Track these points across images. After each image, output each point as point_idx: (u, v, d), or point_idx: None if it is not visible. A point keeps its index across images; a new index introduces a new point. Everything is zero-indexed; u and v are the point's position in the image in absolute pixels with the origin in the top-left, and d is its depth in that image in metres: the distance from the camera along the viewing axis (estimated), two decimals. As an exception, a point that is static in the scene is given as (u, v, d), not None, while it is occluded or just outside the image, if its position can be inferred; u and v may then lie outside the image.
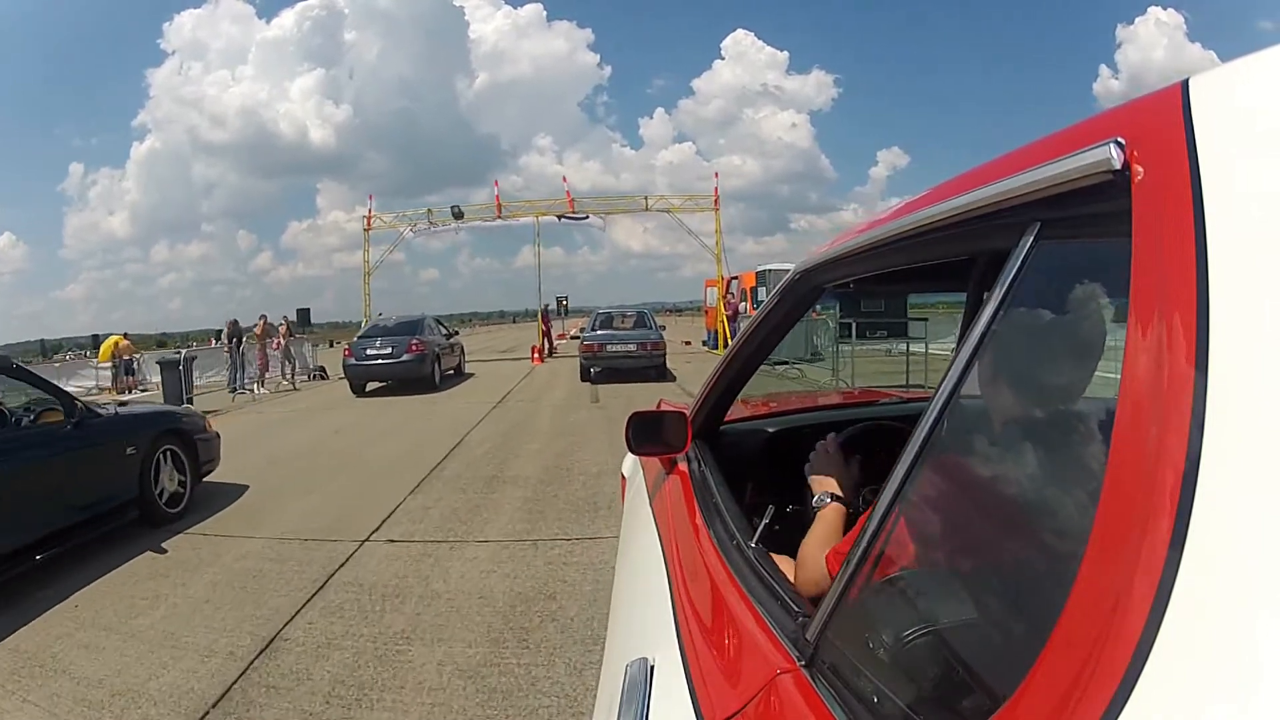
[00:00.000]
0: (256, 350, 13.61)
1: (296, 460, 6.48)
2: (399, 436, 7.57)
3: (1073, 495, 0.50)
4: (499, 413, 8.93)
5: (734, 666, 0.82)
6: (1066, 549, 0.43)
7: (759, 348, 1.48)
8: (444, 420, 8.40)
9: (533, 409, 9.15)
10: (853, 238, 0.95)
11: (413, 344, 11.57)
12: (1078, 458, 0.54)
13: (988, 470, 0.66)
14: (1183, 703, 0.31)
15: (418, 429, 7.98)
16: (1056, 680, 0.38)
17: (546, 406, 9.36)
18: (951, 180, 0.73)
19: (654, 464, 1.80)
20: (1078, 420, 0.60)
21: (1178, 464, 0.35)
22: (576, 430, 7.33)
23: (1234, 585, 0.31)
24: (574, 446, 6.41)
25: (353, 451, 6.85)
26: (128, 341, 14.80)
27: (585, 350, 11.91)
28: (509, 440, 6.94)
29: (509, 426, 7.79)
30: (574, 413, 8.69)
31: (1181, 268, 0.39)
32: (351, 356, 11.79)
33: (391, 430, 8.04)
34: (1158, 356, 0.38)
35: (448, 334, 14.30)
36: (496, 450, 6.43)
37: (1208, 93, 0.43)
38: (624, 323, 12.70)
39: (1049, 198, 0.53)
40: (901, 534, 0.66)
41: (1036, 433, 0.62)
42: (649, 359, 11.53)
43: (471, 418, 8.36)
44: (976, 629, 0.57)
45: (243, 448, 6.54)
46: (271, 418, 9.69)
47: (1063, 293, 0.57)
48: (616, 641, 1.23)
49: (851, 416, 1.87)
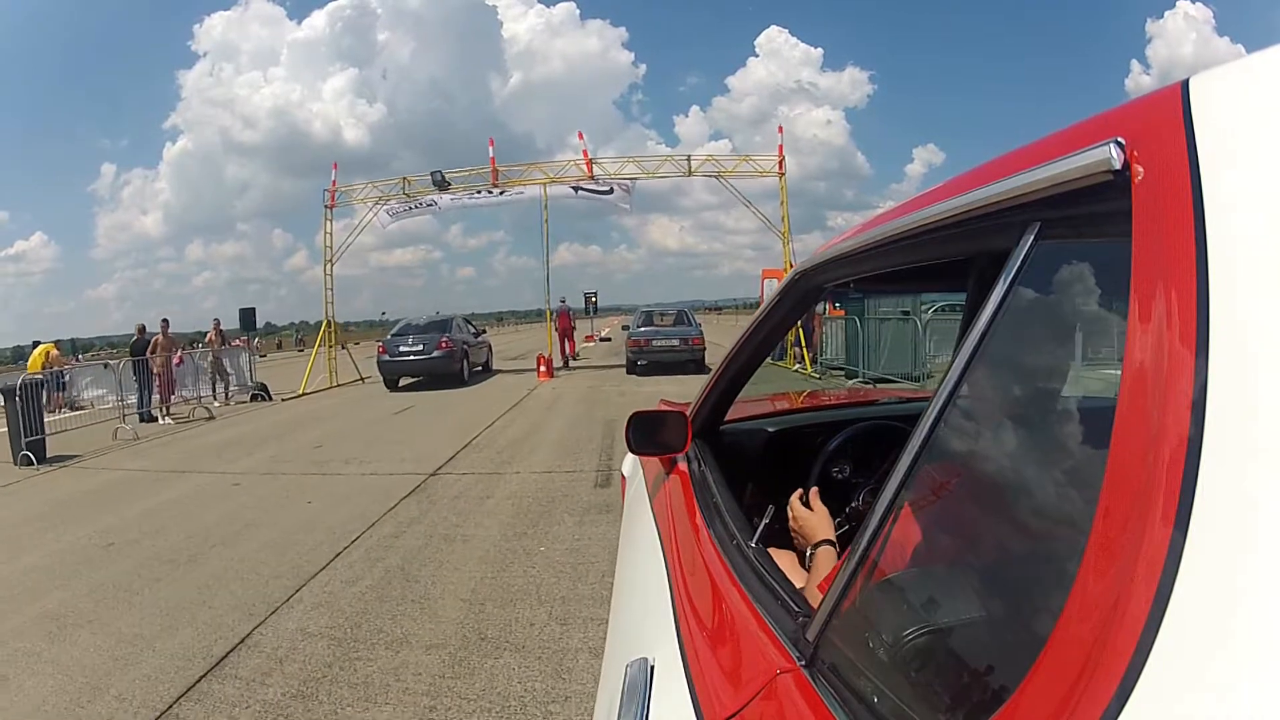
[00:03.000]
0: (157, 366, 10.47)
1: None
2: (203, 561, 3.89)
3: (1072, 495, 0.50)
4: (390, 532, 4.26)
5: (734, 666, 0.82)
6: (1066, 549, 0.43)
7: (759, 347, 1.48)
8: (330, 513, 4.69)
9: (455, 526, 4.26)
10: (853, 238, 0.95)
11: (443, 341, 12.53)
12: (1077, 458, 0.54)
13: (987, 470, 0.66)
14: (1183, 702, 0.31)
15: (288, 523, 4.50)
16: (1056, 680, 0.38)
17: (490, 514, 4.49)
18: (951, 180, 0.73)
19: (654, 464, 1.80)
20: (1077, 421, 0.60)
21: (1178, 465, 0.35)
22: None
23: (1234, 585, 0.31)
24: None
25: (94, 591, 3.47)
26: (58, 351, 12.49)
27: (632, 345, 13.39)
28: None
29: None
30: (544, 536, 3.96)
31: (1181, 268, 0.39)
32: (385, 353, 12.63)
33: (207, 538, 4.30)
34: (1158, 356, 0.38)
35: (476, 332, 15.29)
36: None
37: (1208, 93, 0.43)
38: (664, 320, 14.00)
39: (1049, 198, 0.53)
40: (901, 534, 0.66)
41: (1036, 433, 0.62)
42: (690, 352, 12.82)
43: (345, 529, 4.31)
44: (976, 629, 0.57)
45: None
46: (102, 480, 6.32)
47: (1063, 293, 0.57)
48: (617, 641, 1.23)
49: (851, 416, 1.87)
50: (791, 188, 14.53)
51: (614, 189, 14.83)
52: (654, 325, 13.80)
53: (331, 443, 7.53)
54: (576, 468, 5.64)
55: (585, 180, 14.66)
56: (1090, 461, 0.45)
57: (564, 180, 14.78)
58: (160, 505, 5.30)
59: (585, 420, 8.08)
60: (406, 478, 5.55)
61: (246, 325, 15.58)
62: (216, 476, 6.13)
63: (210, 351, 12.06)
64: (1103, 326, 0.58)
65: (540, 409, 9.33)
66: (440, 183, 14.88)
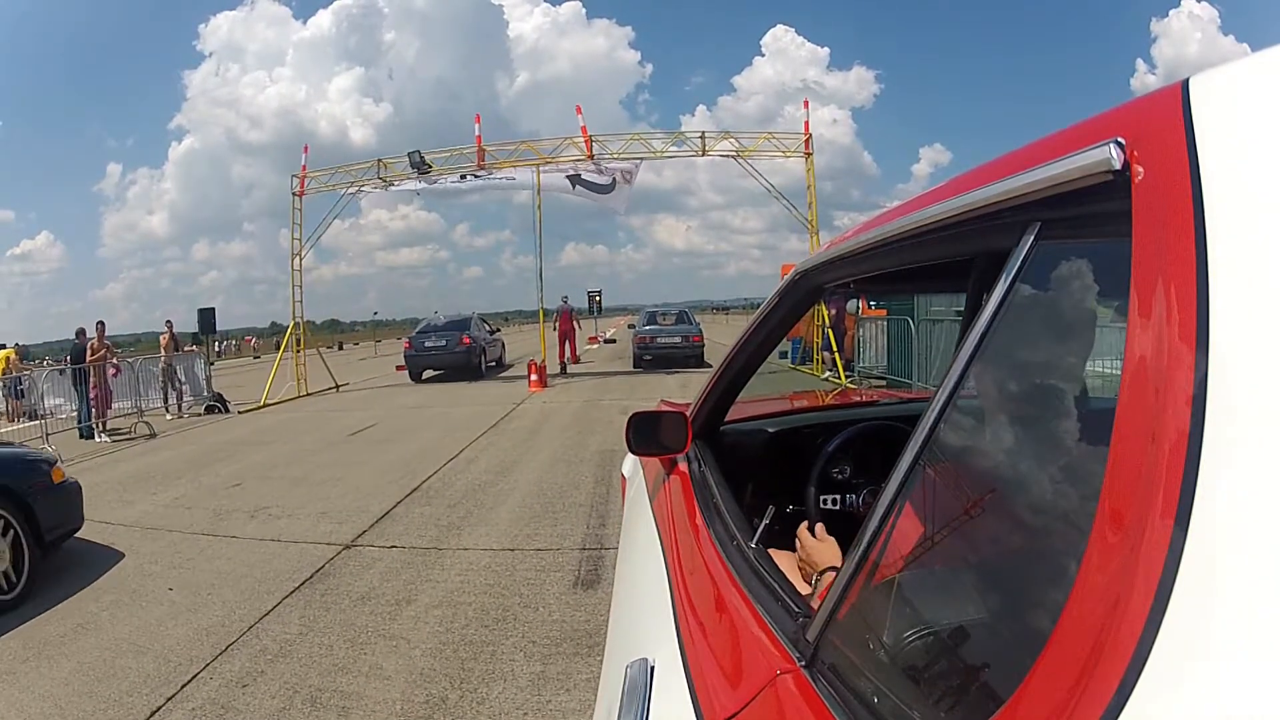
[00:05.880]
0: (93, 377, 9.44)
1: None
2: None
3: (1072, 496, 0.50)
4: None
5: (734, 667, 0.82)
6: (1066, 549, 0.43)
7: (759, 348, 1.47)
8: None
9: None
10: (853, 238, 0.95)
11: (463, 338, 14.12)
12: (1077, 459, 0.54)
13: (988, 470, 0.66)
14: (1183, 703, 0.31)
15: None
16: (1056, 680, 0.38)
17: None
18: (952, 180, 0.73)
19: (654, 464, 1.80)
20: (1078, 421, 0.60)
21: (1178, 465, 0.35)
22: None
23: (1234, 585, 0.31)
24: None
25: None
26: (17, 356, 11.36)
27: (639, 341, 14.77)
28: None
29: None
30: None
31: (1181, 268, 0.39)
32: (411, 348, 14.26)
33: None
34: (1158, 356, 0.38)
35: (491, 330, 16.93)
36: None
37: (1208, 93, 0.43)
38: (666, 320, 15.44)
39: (1049, 198, 0.53)
40: (901, 534, 0.66)
41: (1036, 433, 0.62)
42: (691, 348, 14.16)
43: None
44: (976, 629, 0.57)
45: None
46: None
47: (1063, 293, 0.57)
48: (617, 642, 1.23)
49: (852, 417, 1.87)
50: (797, 188, 13.96)
51: (615, 181, 13.38)
52: (658, 324, 15.23)
53: (254, 479, 6.05)
54: (552, 543, 3.91)
55: (584, 162, 12.92)
56: (1090, 461, 0.45)
57: (559, 161, 13.01)
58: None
59: (575, 452, 6.30)
60: (312, 550, 4.03)
61: (205, 328, 13.32)
62: (96, 529, 4.50)
63: (161, 359, 10.69)
64: (1103, 326, 0.58)
65: (521, 434, 7.57)
66: (419, 164, 13.02)
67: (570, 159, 13.02)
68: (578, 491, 4.95)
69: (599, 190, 13.57)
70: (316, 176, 13.95)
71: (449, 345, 13.95)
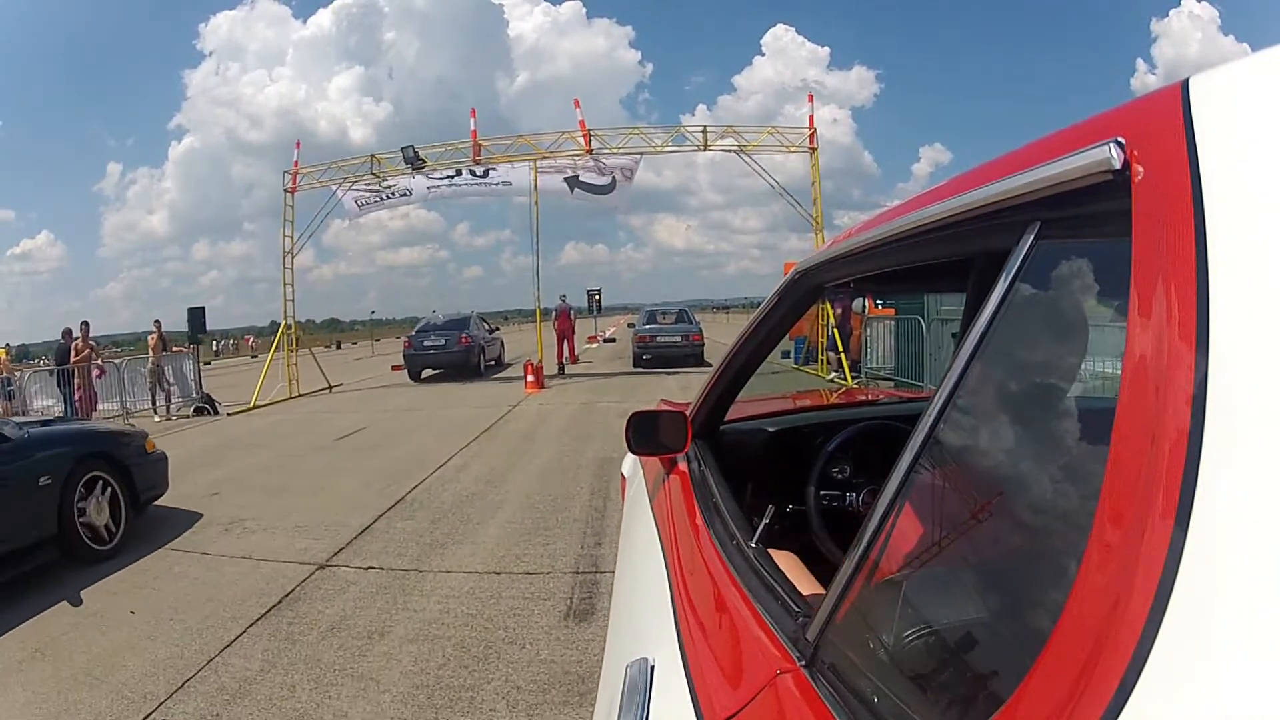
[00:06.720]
0: (77, 378, 9.34)
1: None
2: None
3: (1072, 495, 0.50)
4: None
5: (734, 666, 0.82)
6: (1066, 549, 0.43)
7: (759, 347, 1.47)
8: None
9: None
10: (853, 237, 0.95)
11: (462, 337, 14.13)
12: (1077, 458, 0.54)
13: (988, 470, 0.66)
14: (1183, 703, 0.31)
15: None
16: (1056, 680, 0.38)
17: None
18: (951, 180, 0.73)
19: (654, 464, 1.80)
20: (1078, 420, 0.60)
21: (1178, 465, 0.35)
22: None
23: (1234, 585, 0.31)
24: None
25: None
26: (7, 357, 11.34)
27: (639, 340, 14.71)
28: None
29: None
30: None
31: (1181, 267, 0.39)
32: (410, 347, 14.24)
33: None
34: (1158, 356, 0.38)
35: (490, 329, 16.89)
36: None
37: (1208, 93, 0.43)
38: (666, 319, 15.38)
39: (1049, 198, 0.53)
40: (901, 534, 0.66)
41: (1036, 433, 0.62)
42: (690, 347, 14.11)
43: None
44: (976, 629, 0.57)
45: None
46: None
47: (1063, 292, 0.57)
48: (617, 641, 1.23)
49: (852, 416, 1.87)
50: (798, 187, 13.53)
51: (614, 180, 12.92)
52: (657, 323, 15.16)
53: (233, 488, 5.75)
54: (543, 565, 3.60)
55: (583, 158, 12.49)
56: (1090, 461, 0.45)
57: (556, 156, 12.62)
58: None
59: (570, 459, 6.05)
60: (285, 570, 3.77)
61: (195, 328, 12.70)
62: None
63: (150, 359, 10.56)
64: (1103, 326, 0.58)
65: (516, 438, 7.28)
66: (413, 160, 12.50)
67: (568, 154, 12.60)
68: (572, 505, 4.62)
69: (598, 192, 13.23)
70: (309, 172, 13.54)
71: (448, 344, 14.01)
